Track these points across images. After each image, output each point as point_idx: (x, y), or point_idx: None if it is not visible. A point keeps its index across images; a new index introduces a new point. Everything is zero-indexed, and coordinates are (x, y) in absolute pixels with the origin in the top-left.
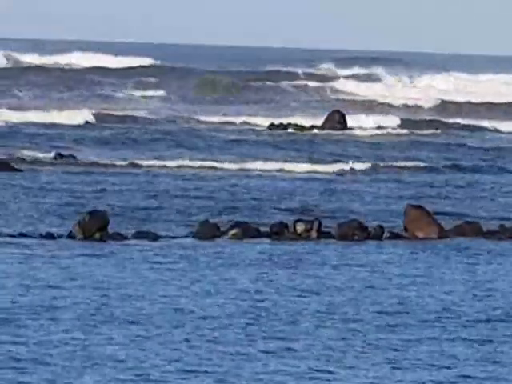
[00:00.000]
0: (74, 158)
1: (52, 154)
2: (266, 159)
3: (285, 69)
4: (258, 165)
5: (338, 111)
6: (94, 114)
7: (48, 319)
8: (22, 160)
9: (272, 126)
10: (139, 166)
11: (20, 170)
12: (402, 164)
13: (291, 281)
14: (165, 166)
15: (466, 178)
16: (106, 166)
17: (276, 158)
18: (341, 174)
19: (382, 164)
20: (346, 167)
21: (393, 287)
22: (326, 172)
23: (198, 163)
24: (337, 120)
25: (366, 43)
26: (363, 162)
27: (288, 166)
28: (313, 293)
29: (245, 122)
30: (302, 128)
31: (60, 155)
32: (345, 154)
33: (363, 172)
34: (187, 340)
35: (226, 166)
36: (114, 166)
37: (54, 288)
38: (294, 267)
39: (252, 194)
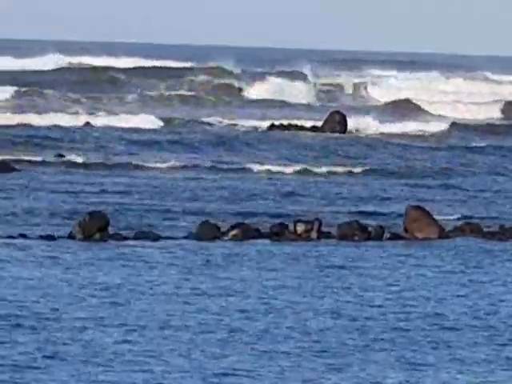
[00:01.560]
0: (73, 157)
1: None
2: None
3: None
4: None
5: (338, 112)
6: (161, 119)
7: (51, 321)
8: (23, 161)
9: (272, 127)
10: (143, 168)
11: (19, 170)
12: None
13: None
14: (173, 167)
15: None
16: (107, 166)
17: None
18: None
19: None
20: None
21: (393, 288)
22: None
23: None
24: (337, 121)
25: (366, 43)
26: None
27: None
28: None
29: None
30: (302, 128)
31: (60, 156)
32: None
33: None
34: (192, 340)
35: (226, 166)
36: (117, 166)
37: (55, 289)
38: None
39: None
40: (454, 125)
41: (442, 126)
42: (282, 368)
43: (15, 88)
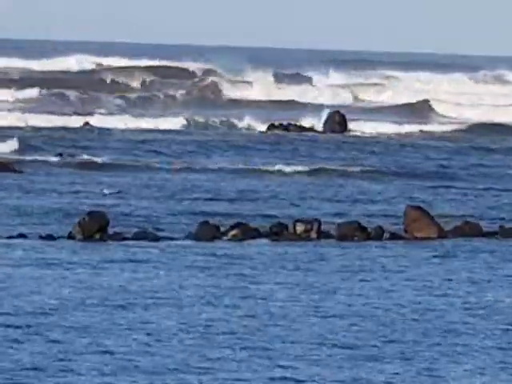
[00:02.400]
0: (74, 158)
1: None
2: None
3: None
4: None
5: (338, 112)
6: (162, 119)
7: (51, 322)
8: (23, 161)
9: (271, 127)
10: (143, 168)
11: (20, 171)
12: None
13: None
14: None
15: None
16: (107, 166)
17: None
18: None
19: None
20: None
21: (394, 288)
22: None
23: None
24: (337, 121)
25: (366, 43)
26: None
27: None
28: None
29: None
30: (301, 129)
31: (60, 155)
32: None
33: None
34: (196, 341)
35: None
36: (118, 166)
37: (54, 289)
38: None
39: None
40: (473, 126)
41: (458, 127)
42: (290, 370)
43: (36, 89)
